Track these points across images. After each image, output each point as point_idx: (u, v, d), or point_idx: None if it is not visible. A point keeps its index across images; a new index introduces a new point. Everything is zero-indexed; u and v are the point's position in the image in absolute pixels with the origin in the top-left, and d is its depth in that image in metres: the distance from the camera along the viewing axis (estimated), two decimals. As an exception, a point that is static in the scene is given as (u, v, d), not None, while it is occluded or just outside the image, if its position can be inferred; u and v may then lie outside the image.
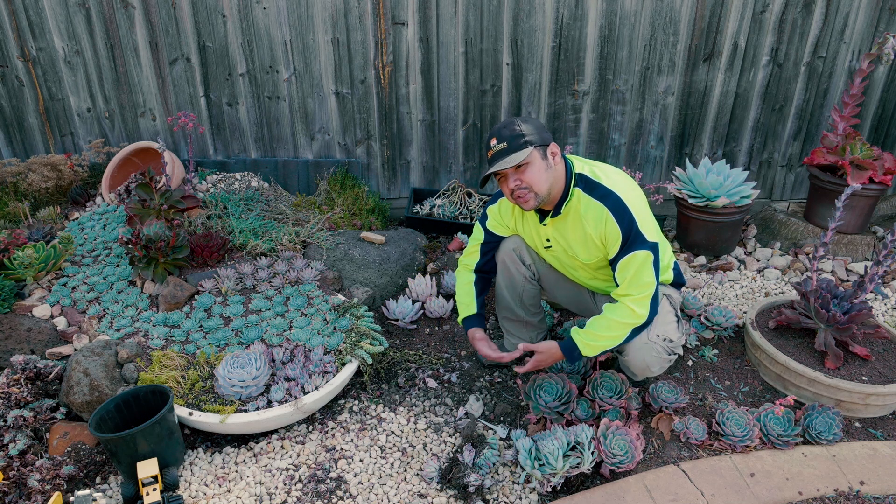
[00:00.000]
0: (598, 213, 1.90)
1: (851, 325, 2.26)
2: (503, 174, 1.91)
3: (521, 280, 2.28)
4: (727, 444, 2.04)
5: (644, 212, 1.92)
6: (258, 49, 3.31)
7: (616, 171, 2.00)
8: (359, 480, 1.97)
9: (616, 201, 1.88)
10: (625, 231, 1.87)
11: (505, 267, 2.28)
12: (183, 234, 2.72)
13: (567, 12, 3.24)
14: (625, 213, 1.87)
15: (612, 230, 1.88)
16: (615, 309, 1.93)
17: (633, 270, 1.88)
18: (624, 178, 1.98)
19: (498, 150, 1.88)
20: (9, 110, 3.43)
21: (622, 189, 1.91)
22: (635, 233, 1.87)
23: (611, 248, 1.92)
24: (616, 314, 1.92)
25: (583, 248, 2.02)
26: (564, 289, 2.34)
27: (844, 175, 3.11)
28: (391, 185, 3.70)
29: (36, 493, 1.85)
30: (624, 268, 1.90)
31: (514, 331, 2.42)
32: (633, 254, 1.87)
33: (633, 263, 1.88)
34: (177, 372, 2.16)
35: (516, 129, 1.87)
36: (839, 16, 3.31)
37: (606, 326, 1.92)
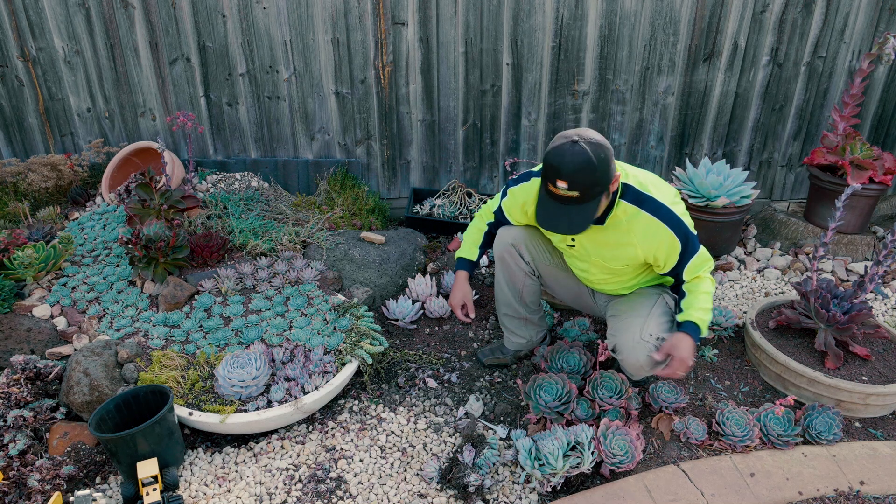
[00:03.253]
0: (649, 226, 1.89)
1: (851, 325, 2.26)
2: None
3: (521, 275, 2.27)
4: (727, 444, 2.04)
5: (686, 213, 1.95)
6: (258, 49, 3.31)
7: (659, 180, 1.99)
8: (359, 480, 1.97)
9: (668, 213, 1.88)
10: (682, 240, 1.90)
11: (504, 263, 2.27)
12: (183, 234, 2.72)
13: (567, 12, 3.24)
14: (679, 224, 1.89)
15: (669, 242, 1.89)
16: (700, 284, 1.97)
17: (700, 262, 1.96)
18: (667, 186, 1.97)
19: (567, 197, 1.74)
20: (9, 110, 3.43)
21: (670, 200, 1.91)
22: (690, 237, 1.92)
23: (667, 257, 1.94)
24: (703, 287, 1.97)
25: (613, 256, 2.01)
26: (565, 286, 2.34)
27: (844, 175, 3.11)
28: (391, 185, 3.70)
29: (36, 493, 1.85)
30: (694, 269, 1.96)
31: (514, 328, 2.42)
32: (696, 255, 1.94)
33: (700, 258, 1.95)
34: (177, 372, 2.16)
35: (594, 178, 1.70)
36: (839, 16, 3.31)
37: (703, 300, 1.96)
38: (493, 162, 3.64)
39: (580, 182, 1.70)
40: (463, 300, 2.37)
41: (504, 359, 2.46)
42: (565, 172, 1.69)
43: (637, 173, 1.95)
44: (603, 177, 1.72)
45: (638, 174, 1.95)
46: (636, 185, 1.90)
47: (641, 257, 1.97)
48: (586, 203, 1.75)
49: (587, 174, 1.69)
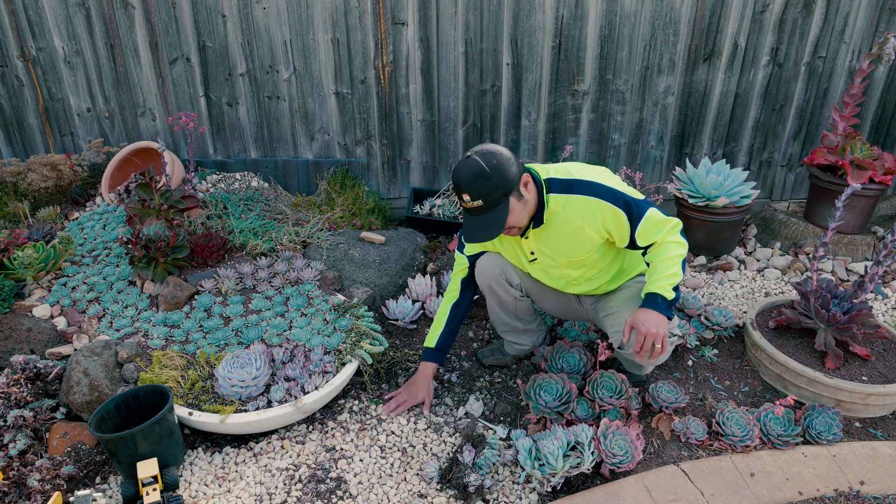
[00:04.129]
0: (586, 206, 1.90)
1: (851, 325, 2.26)
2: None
3: (511, 300, 2.27)
4: (727, 444, 2.04)
5: (619, 181, 1.95)
6: (258, 49, 3.31)
7: (582, 164, 2.00)
8: (359, 480, 1.97)
9: (598, 187, 1.90)
10: (623, 207, 1.88)
11: (493, 292, 2.25)
12: (183, 234, 2.72)
13: (567, 12, 3.24)
14: (614, 193, 1.89)
15: (611, 212, 1.89)
16: (660, 250, 1.92)
17: (652, 225, 1.90)
18: (591, 167, 1.98)
19: (474, 208, 1.84)
20: (9, 110, 3.43)
21: (595, 175, 1.93)
22: (632, 202, 1.89)
23: (619, 229, 1.92)
24: (665, 252, 1.91)
25: (574, 247, 1.99)
26: (550, 299, 2.33)
27: (844, 175, 3.11)
28: (391, 185, 3.70)
29: (36, 493, 1.85)
30: (646, 232, 1.91)
31: (514, 339, 2.42)
32: (644, 217, 1.89)
33: (650, 222, 1.90)
34: (177, 372, 2.16)
35: (490, 184, 1.79)
36: (839, 16, 3.31)
37: (665, 266, 1.90)
38: (493, 162, 3.63)
39: (478, 191, 1.79)
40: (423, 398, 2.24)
41: (504, 359, 2.46)
42: (463, 186, 1.81)
43: (558, 166, 1.98)
44: (499, 182, 1.79)
45: (559, 166, 1.98)
46: (558, 175, 1.93)
47: (597, 238, 1.96)
48: (493, 209, 1.83)
49: (482, 182, 1.79)
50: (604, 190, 1.89)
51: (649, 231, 1.91)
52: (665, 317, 1.87)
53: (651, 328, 1.84)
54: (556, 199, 1.92)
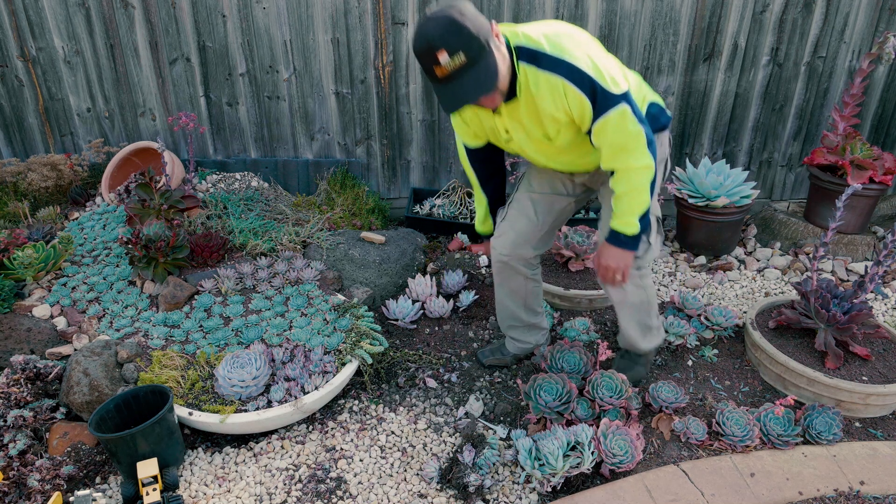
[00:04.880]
0: (552, 86, 1.68)
1: (851, 325, 2.26)
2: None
3: (521, 282, 2.25)
4: (727, 444, 2.04)
5: (600, 61, 1.68)
6: (258, 49, 3.31)
7: (553, 29, 1.72)
8: (359, 480, 1.97)
9: (569, 68, 1.65)
10: (589, 95, 1.66)
11: (503, 270, 2.23)
12: (183, 234, 2.72)
13: (567, 12, 3.24)
14: (582, 76, 1.65)
15: (576, 99, 1.67)
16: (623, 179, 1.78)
17: (611, 132, 1.71)
18: (565, 33, 1.71)
19: (457, 68, 1.55)
20: (8, 110, 3.43)
21: (570, 50, 1.66)
22: (600, 92, 1.66)
23: (583, 117, 1.72)
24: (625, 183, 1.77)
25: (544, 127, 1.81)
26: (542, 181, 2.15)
27: (844, 175, 3.11)
28: (391, 185, 3.70)
29: (36, 493, 1.85)
30: (601, 132, 1.72)
31: (520, 336, 2.42)
32: (605, 117, 1.68)
33: (609, 125, 1.70)
34: (177, 372, 2.16)
35: (467, 31, 1.52)
36: (839, 16, 3.31)
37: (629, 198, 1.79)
38: (493, 162, 3.63)
39: (456, 43, 1.52)
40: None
41: (504, 359, 2.46)
42: (437, 41, 1.52)
43: (528, 30, 1.72)
44: (476, 26, 1.54)
45: (529, 30, 1.72)
46: (528, 43, 1.69)
47: (563, 117, 1.75)
48: (479, 62, 1.57)
49: (458, 31, 1.52)
50: (573, 71, 1.65)
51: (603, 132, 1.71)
52: (628, 251, 1.87)
53: (611, 263, 1.89)
54: (524, 71, 1.70)
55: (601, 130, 1.72)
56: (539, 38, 1.68)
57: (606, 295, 2.15)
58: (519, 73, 1.71)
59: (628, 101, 1.70)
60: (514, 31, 1.72)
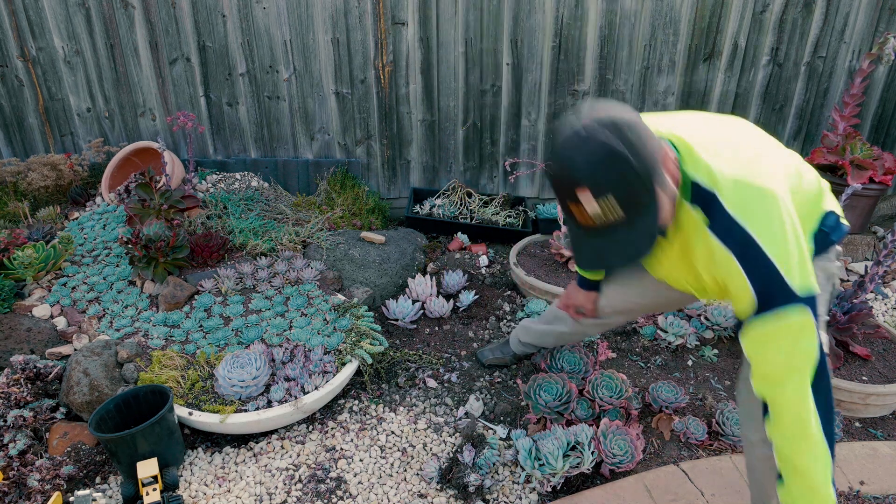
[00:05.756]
0: (713, 253, 1.24)
1: (851, 324, 2.26)
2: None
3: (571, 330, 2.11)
4: (727, 444, 2.04)
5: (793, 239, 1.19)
6: (258, 49, 3.31)
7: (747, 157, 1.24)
8: (359, 480, 1.97)
9: (746, 242, 1.19)
10: (758, 287, 1.20)
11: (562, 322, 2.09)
12: (183, 233, 2.72)
13: (567, 12, 3.24)
14: (759, 261, 1.18)
15: (738, 283, 1.22)
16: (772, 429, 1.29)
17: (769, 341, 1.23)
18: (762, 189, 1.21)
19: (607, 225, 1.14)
20: (9, 110, 3.43)
21: (759, 218, 1.19)
22: (779, 288, 1.18)
23: (736, 301, 1.27)
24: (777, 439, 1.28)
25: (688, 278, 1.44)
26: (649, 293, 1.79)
27: (845, 175, 3.11)
28: (391, 185, 3.70)
29: (36, 493, 1.85)
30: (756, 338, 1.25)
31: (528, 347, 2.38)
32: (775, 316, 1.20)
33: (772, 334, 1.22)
34: (177, 372, 2.16)
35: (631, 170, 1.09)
36: (839, 16, 3.31)
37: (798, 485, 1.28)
38: (493, 162, 3.64)
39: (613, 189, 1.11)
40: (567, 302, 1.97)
41: (504, 358, 2.46)
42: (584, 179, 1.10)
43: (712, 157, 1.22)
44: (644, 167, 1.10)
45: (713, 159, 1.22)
46: (708, 181, 1.22)
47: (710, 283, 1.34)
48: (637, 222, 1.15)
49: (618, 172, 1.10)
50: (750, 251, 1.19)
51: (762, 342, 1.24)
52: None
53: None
54: (692, 217, 1.26)
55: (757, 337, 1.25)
56: (724, 179, 1.21)
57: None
58: (682, 214, 1.27)
59: (812, 306, 1.19)
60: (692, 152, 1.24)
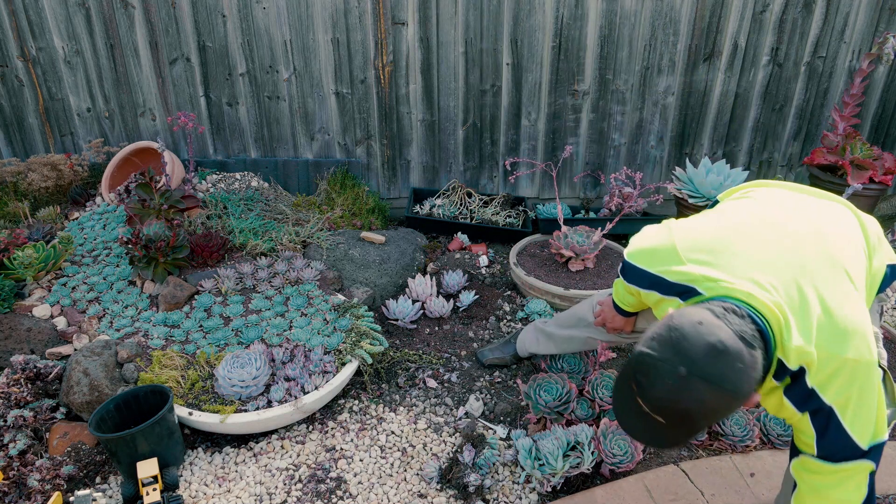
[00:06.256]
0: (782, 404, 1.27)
1: (851, 324, 2.26)
2: None
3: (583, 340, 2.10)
4: (727, 444, 2.04)
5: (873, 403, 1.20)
6: (258, 49, 3.31)
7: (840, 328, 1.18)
8: (359, 480, 1.97)
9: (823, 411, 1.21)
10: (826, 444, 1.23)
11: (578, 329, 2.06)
12: (183, 233, 2.72)
13: (567, 12, 3.24)
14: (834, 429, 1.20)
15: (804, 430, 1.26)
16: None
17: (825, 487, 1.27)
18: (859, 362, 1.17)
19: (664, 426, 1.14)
20: (9, 110, 3.43)
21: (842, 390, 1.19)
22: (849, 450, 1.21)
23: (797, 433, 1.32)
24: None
25: None
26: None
27: (844, 175, 3.11)
28: (391, 185, 3.70)
29: (36, 493, 1.85)
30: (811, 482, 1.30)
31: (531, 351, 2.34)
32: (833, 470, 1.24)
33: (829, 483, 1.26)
34: (177, 372, 2.16)
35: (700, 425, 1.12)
36: (839, 16, 3.31)
37: None
38: (494, 162, 3.64)
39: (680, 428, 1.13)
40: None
41: (504, 358, 2.46)
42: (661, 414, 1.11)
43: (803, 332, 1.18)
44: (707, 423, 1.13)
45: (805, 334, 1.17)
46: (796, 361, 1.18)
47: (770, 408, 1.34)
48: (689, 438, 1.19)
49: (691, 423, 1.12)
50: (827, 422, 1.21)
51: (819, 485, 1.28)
52: None
53: None
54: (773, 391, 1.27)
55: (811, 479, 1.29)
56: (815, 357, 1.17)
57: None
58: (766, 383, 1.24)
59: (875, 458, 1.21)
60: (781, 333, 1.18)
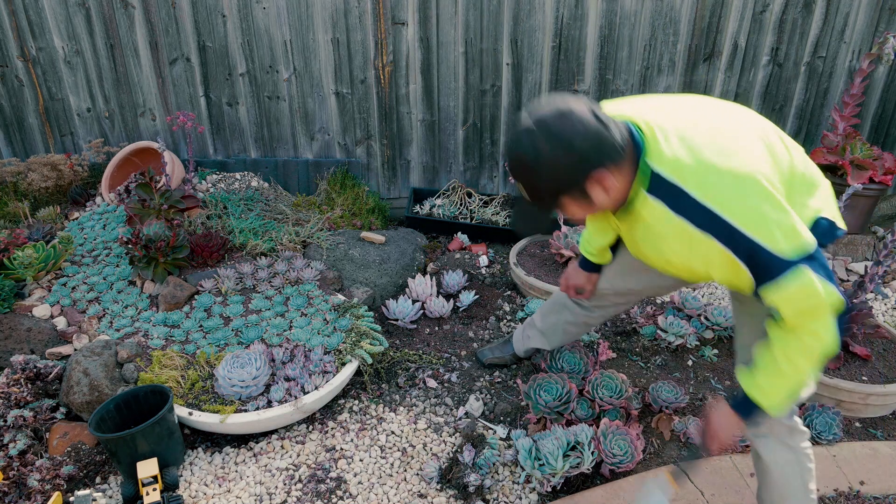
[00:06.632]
0: (692, 240, 1.28)
1: (852, 324, 2.26)
2: None
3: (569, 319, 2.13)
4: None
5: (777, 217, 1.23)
6: (258, 49, 3.31)
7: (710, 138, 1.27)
8: (359, 480, 1.97)
9: (726, 228, 1.23)
10: (747, 261, 1.25)
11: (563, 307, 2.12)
12: (183, 233, 2.72)
13: (567, 12, 3.24)
14: (745, 243, 1.23)
15: (729, 264, 1.28)
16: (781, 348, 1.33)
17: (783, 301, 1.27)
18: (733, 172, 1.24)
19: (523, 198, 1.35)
20: (9, 110, 3.43)
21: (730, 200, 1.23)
22: (766, 259, 1.23)
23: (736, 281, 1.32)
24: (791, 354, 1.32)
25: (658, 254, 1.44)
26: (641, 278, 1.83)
27: (845, 175, 3.11)
28: (391, 185, 3.70)
29: (36, 493, 1.85)
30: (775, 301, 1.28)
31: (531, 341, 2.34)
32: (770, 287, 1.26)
33: (783, 297, 1.26)
34: (177, 372, 2.16)
35: (535, 180, 1.26)
36: (839, 16, 3.31)
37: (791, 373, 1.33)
38: (493, 162, 3.64)
39: (521, 179, 1.30)
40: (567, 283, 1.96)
41: (504, 358, 2.46)
42: (509, 164, 1.30)
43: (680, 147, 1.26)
44: (549, 181, 1.25)
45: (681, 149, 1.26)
46: (672, 174, 1.26)
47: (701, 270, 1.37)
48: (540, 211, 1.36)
49: (526, 173, 1.27)
50: (722, 230, 1.23)
51: (777, 302, 1.28)
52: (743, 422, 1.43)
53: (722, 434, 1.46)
54: (646, 203, 1.32)
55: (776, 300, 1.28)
56: (692, 170, 1.25)
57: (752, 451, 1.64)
58: (640, 204, 1.33)
59: (812, 260, 1.24)
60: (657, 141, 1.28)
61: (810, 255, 1.23)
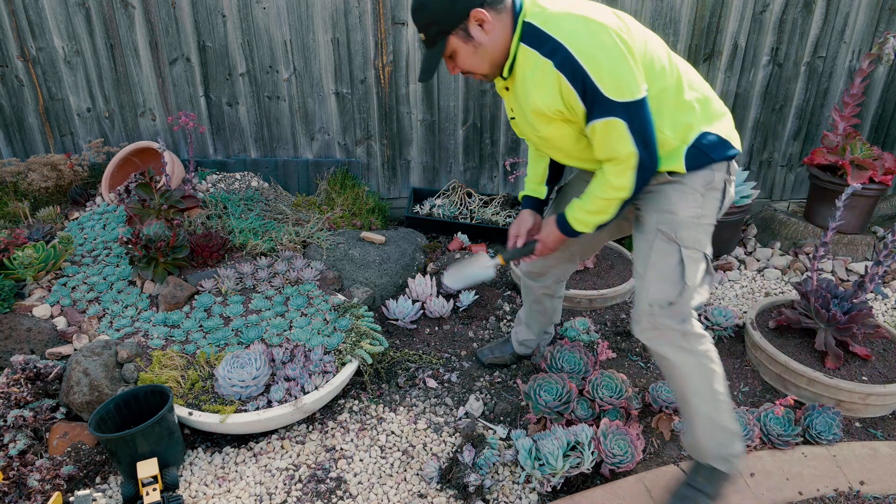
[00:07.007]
0: (546, 74, 1.50)
1: (851, 324, 2.26)
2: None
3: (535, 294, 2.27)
4: (727, 444, 2.04)
5: (610, 61, 1.45)
6: (258, 49, 3.31)
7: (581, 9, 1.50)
8: (359, 480, 1.97)
9: (565, 56, 1.45)
10: (580, 91, 1.48)
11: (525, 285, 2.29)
12: (183, 233, 2.72)
13: (567, 12, 3.24)
14: (576, 69, 1.45)
15: (569, 93, 1.49)
16: (594, 180, 1.64)
17: (599, 140, 1.54)
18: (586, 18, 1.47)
19: (422, 41, 1.61)
20: (9, 110, 3.43)
21: (576, 35, 1.46)
22: (591, 92, 1.46)
23: (579, 113, 1.54)
24: (595, 187, 1.63)
25: (536, 117, 1.62)
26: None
27: (844, 175, 3.11)
28: (391, 185, 3.70)
29: (36, 493, 1.85)
30: (591, 135, 1.55)
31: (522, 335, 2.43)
32: (594, 124, 1.51)
33: (597, 133, 1.53)
34: (177, 372, 2.16)
35: (424, 16, 1.52)
36: (839, 16, 3.31)
37: (590, 201, 1.65)
38: (493, 162, 3.64)
39: (417, 21, 1.55)
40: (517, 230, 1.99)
41: (504, 357, 2.46)
42: (411, 12, 1.56)
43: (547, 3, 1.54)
44: (435, 15, 1.51)
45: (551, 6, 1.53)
46: (539, 21, 1.51)
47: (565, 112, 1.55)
48: (430, 48, 1.56)
49: (419, 13, 1.53)
50: (568, 61, 1.45)
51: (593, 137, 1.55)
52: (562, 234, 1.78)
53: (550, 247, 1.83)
54: (525, 54, 1.54)
55: (592, 134, 1.56)
56: (553, 17, 1.50)
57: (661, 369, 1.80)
58: (521, 57, 1.56)
59: (628, 116, 1.48)
60: (533, 7, 1.54)
61: (635, 112, 1.47)
